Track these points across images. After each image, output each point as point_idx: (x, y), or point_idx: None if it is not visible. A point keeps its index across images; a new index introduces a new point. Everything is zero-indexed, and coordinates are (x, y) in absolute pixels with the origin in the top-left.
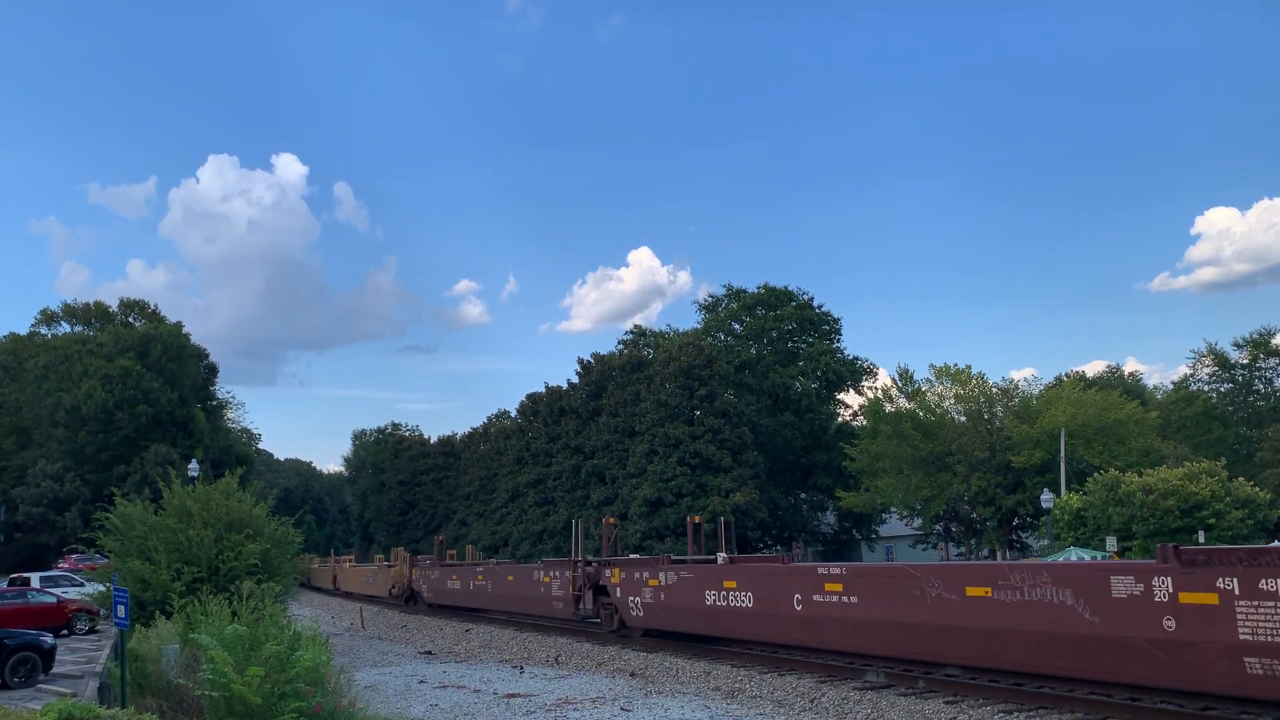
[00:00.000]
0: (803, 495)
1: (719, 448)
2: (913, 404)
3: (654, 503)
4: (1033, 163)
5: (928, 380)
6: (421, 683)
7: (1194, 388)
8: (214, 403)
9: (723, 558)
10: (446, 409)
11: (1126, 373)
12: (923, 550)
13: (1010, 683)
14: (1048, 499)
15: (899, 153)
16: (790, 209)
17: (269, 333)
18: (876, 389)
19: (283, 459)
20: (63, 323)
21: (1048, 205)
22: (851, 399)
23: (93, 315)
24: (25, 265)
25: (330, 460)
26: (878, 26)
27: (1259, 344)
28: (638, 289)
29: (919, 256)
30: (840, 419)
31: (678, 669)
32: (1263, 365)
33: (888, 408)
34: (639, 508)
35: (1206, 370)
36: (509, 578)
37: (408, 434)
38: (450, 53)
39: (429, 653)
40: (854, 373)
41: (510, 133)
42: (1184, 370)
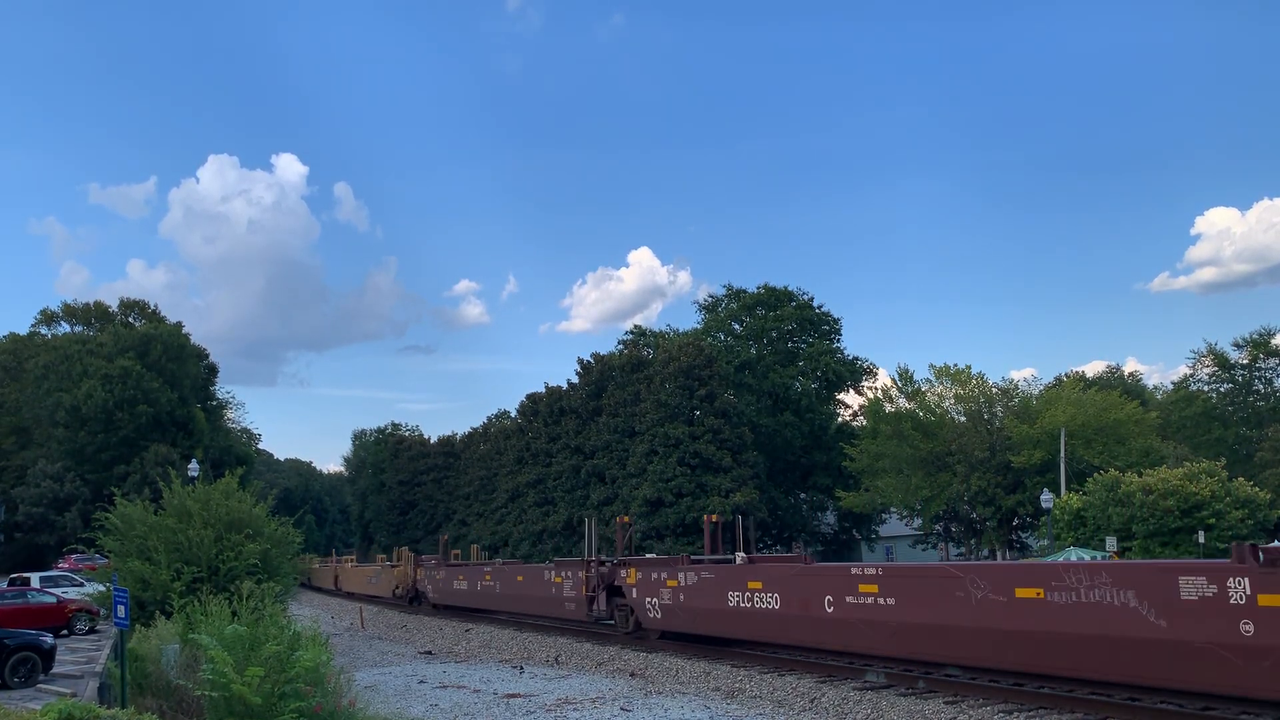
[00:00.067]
0: (803, 495)
1: (719, 448)
2: (913, 404)
3: (654, 503)
4: (1033, 163)
5: (928, 380)
6: (421, 683)
7: (1194, 388)
8: (214, 403)
9: (741, 557)
10: (446, 409)
11: (1126, 373)
12: (922, 550)
13: (1010, 683)
14: (1048, 499)
15: (899, 153)
16: (790, 209)
17: (269, 333)
18: (876, 389)
19: (283, 459)
20: (63, 323)
21: (1048, 205)
22: (851, 399)
23: (93, 315)
24: (25, 265)
25: (330, 460)
26: (878, 27)
27: (1259, 344)
28: (638, 289)
29: (919, 256)
30: (840, 419)
31: (678, 669)
32: (1263, 365)
33: (888, 408)
34: (639, 508)
35: (1206, 370)
36: (518, 578)
37: (408, 434)
38: (450, 53)
39: (429, 653)
40: (854, 373)
41: (510, 133)
42: (1184, 370)
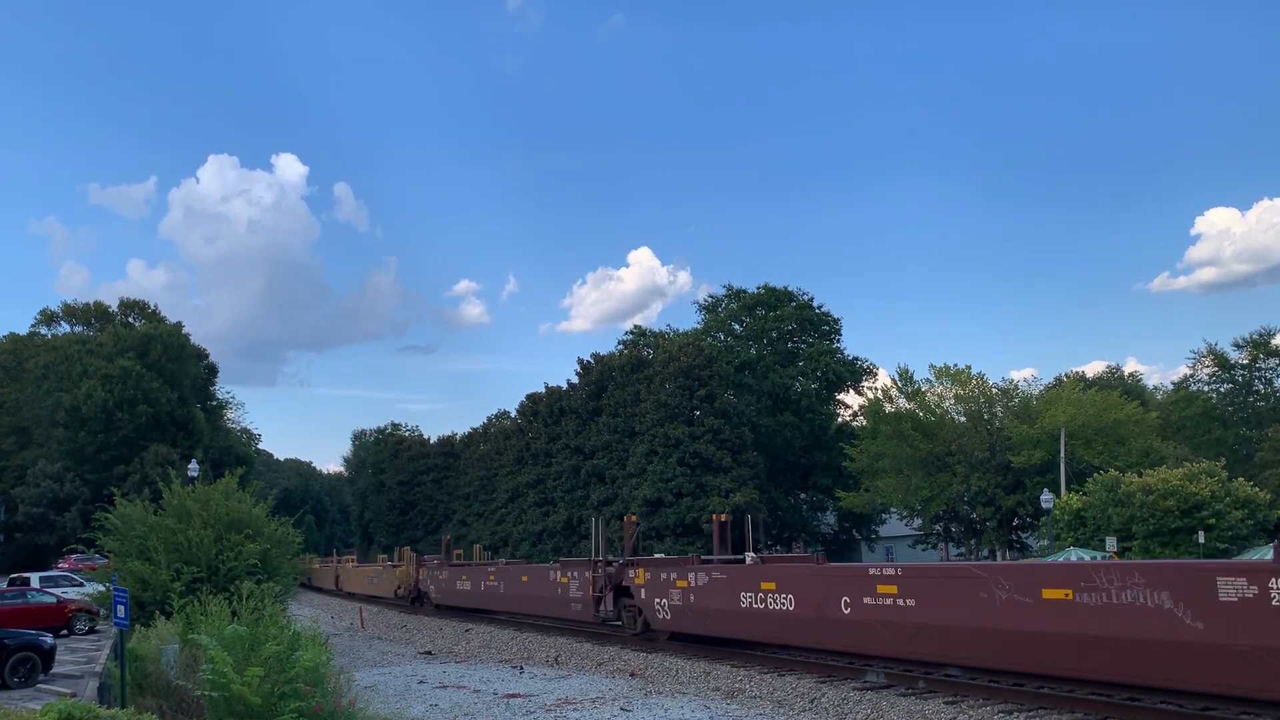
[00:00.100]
0: (802, 495)
1: (719, 448)
2: (913, 404)
3: (654, 503)
4: (1033, 163)
5: (927, 380)
6: (421, 683)
7: (1194, 388)
8: (214, 403)
9: (752, 558)
10: (446, 409)
11: (1126, 373)
12: (922, 550)
13: (1010, 683)
14: (1047, 499)
15: (899, 153)
16: (790, 209)
17: (269, 333)
18: (876, 389)
19: (283, 459)
20: (63, 323)
21: (1048, 205)
22: (851, 399)
23: (93, 315)
24: (25, 265)
25: (330, 460)
26: (878, 27)
27: (1259, 344)
28: (638, 289)
29: (919, 256)
30: (840, 419)
31: (677, 669)
32: (1262, 365)
33: (888, 408)
34: (639, 508)
35: (1206, 370)
36: (523, 578)
37: (407, 434)
38: (450, 53)
39: (429, 653)
40: (854, 373)
41: (510, 133)
42: (1184, 370)
